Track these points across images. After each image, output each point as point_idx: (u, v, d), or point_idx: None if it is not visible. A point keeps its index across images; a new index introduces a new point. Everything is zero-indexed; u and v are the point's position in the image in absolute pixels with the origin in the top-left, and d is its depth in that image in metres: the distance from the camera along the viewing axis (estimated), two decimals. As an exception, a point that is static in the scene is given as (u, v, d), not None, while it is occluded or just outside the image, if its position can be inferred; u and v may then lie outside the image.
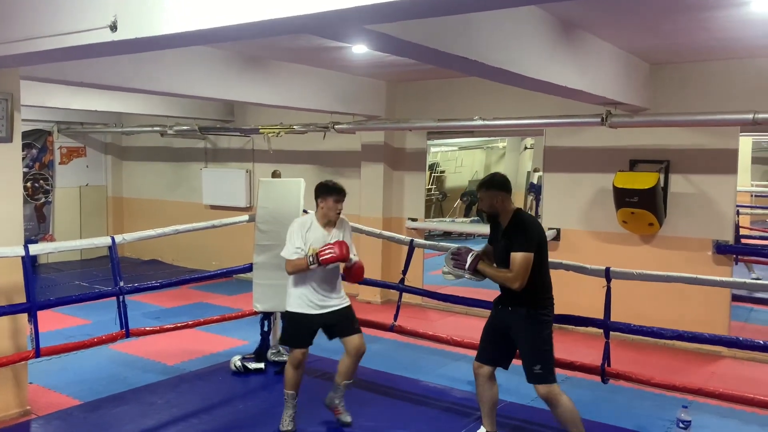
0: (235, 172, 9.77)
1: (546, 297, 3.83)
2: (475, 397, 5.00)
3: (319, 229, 4.28)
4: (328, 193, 4.29)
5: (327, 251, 4.09)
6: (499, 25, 3.74)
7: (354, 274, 4.47)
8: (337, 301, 4.37)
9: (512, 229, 3.77)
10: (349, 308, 4.42)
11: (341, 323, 4.35)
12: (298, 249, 4.16)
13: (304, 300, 4.27)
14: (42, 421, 4.51)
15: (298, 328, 4.31)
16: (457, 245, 4.10)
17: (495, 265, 3.90)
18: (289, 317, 4.36)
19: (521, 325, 3.80)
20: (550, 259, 3.99)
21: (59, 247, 5.05)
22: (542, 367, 3.73)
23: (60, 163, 10.84)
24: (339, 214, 4.34)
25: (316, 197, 4.34)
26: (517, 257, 3.63)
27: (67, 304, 4.91)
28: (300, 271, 4.17)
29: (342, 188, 4.33)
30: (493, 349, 4.00)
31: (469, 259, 3.87)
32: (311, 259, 4.08)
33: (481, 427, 4.15)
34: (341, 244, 4.15)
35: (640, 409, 4.82)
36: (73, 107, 7.67)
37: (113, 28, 3.02)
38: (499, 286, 3.91)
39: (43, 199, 10.61)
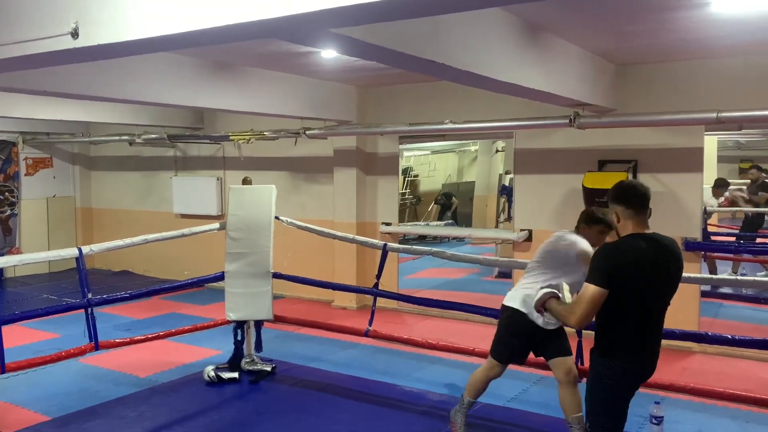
0: (205, 180, 9.67)
1: (615, 356, 3.00)
2: (452, 399, 5.03)
3: None
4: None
5: None
6: (466, 29, 3.76)
7: None
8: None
9: None
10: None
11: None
12: None
13: None
14: (9, 439, 4.40)
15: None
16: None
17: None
18: None
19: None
20: (521, 259, 3.99)
21: (24, 259, 4.93)
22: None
23: (26, 175, 10.61)
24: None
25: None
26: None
27: (33, 318, 4.79)
28: None
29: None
30: None
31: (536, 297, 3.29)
32: None
33: None
34: None
35: (615, 406, 4.86)
36: (38, 117, 7.51)
37: (74, 35, 2.96)
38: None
39: (8, 212, 10.37)
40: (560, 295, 3.26)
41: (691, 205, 6.27)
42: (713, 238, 8.25)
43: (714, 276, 4.68)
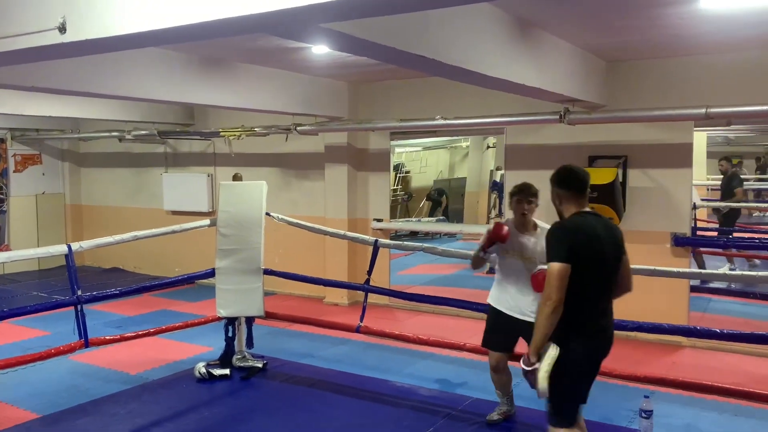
0: (196, 177, 9.63)
1: (575, 328, 3.11)
2: (443, 394, 5.05)
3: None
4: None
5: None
6: (456, 24, 3.76)
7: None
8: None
9: None
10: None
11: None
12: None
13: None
14: (-1, 437, 4.38)
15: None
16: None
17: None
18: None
19: None
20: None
21: (12, 256, 4.91)
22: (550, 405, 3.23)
23: (14, 171, 10.53)
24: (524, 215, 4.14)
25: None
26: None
27: (22, 315, 4.78)
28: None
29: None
30: None
31: (522, 364, 3.15)
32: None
33: None
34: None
35: (604, 400, 4.89)
36: (27, 113, 7.45)
37: (62, 29, 2.94)
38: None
39: (-3, 209, 10.31)
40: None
41: (680, 201, 6.31)
42: (700, 233, 8.31)
43: (704, 271, 4.71)
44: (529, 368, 3.06)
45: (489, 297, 4.40)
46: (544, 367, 3.01)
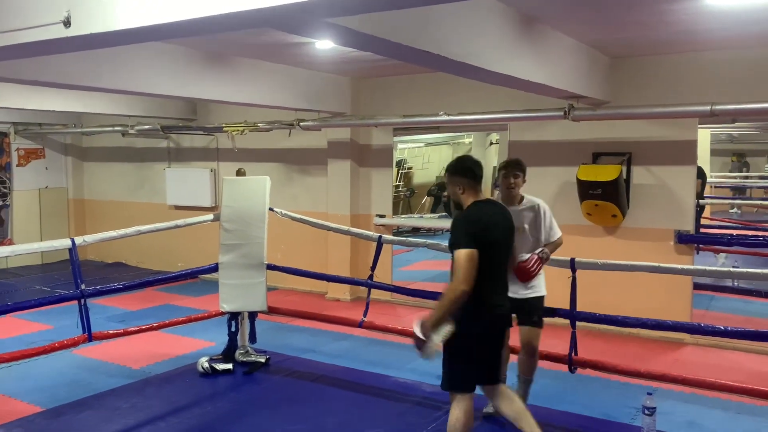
0: (199, 172, 9.63)
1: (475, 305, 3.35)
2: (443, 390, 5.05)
3: None
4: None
5: None
6: (460, 19, 3.75)
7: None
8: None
9: None
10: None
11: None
12: None
13: None
14: (2, 430, 4.38)
15: None
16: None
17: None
18: None
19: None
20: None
21: (16, 250, 4.90)
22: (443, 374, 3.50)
23: (18, 165, 10.54)
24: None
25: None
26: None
27: (25, 309, 4.77)
28: None
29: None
30: None
31: (415, 329, 3.28)
32: None
33: None
34: None
35: (607, 397, 4.90)
36: (30, 107, 7.46)
37: (66, 23, 2.94)
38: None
39: (0, 203, 10.31)
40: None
41: (684, 198, 6.29)
42: (704, 230, 8.28)
43: (708, 268, 4.69)
44: (423, 338, 3.23)
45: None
46: (437, 340, 3.27)
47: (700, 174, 9.19)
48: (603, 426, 4.40)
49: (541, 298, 4.27)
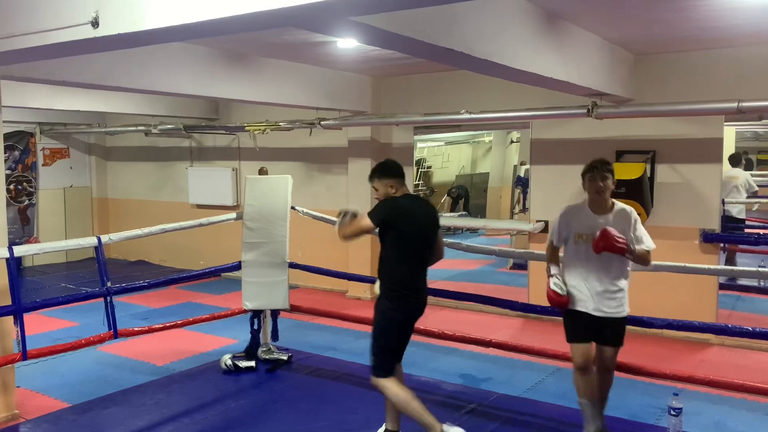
0: (221, 171, 9.71)
1: (395, 290, 3.76)
2: (467, 390, 5.04)
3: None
4: None
5: None
6: (484, 17, 3.73)
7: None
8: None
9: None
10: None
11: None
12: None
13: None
14: (31, 425, 4.45)
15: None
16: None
17: None
18: None
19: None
20: (537, 251, 4.01)
21: (44, 248, 4.98)
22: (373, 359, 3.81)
23: (43, 165, 10.72)
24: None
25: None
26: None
27: (53, 306, 4.85)
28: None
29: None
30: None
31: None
32: None
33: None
34: None
35: (632, 398, 4.84)
36: (56, 108, 7.57)
37: (95, 24, 2.98)
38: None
39: (26, 202, 10.49)
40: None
41: (709, 196, 6.20)
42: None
43: (734, 268, 4.62)
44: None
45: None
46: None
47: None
48: (629, 426, 4.36)
49: (626, 318, 3.93)
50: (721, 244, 6.54)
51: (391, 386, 3.75)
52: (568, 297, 3.85)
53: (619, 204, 3.91)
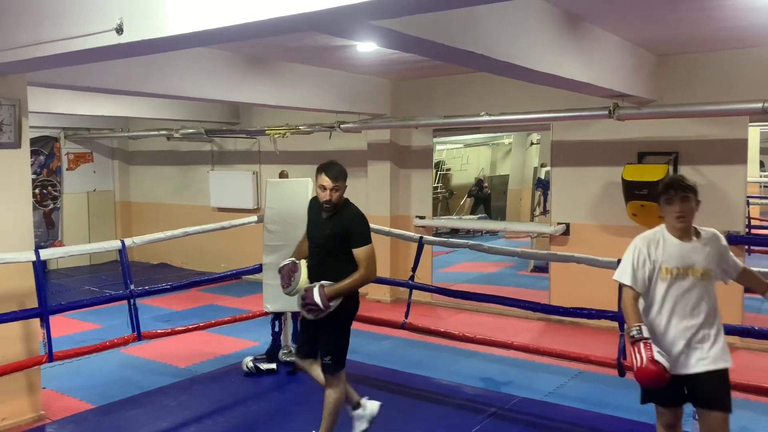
0: (241, 174, 9.78)
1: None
2: (488, 393, 5.01)
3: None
4: None
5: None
6: (504, 19, 3.72)
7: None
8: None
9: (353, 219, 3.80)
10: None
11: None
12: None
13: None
14: (56, 426, 4.52)
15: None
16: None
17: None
18: None
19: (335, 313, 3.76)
20: (560, 252, 3.97)
21: (70, 251, 5.06)
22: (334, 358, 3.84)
23: (67, 169, 10.88)
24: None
25: None
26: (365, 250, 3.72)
27: (79, 308, 4.93)
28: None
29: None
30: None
31: (318, 298, 3.61)
32: None
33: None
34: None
35: (655, 402, 4.78)
36: (80, 113, 7.70)
37: (119, 30, 3.03)
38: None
39: (51, 206, 10.65)
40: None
41: (734, 198, 6.12)
42: (754, 231, 8.04)
43: (763, 269, 4.55)
44: (321, 306, 3.61)
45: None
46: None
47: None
48: (650, 429, 4.30)
49: (726, 370, 3.15)
50: (746, 246, 6.44)
51: (341, 381, 3.87)
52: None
53: (704, 228, 3.22)
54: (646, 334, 2.96)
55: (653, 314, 3.13)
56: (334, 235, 3.72)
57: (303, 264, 3.83)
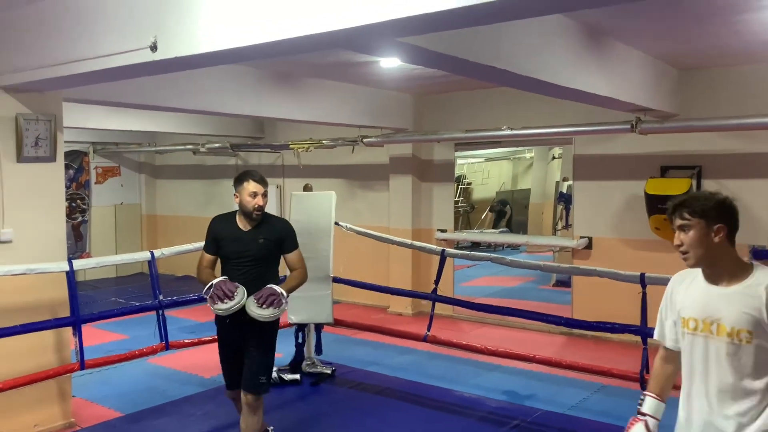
0: (265, 188, 9.89)
1: None
2: (510, 406, 5.01)
3: None
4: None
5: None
6: (527, 34, 3.78)
7: None
8: None
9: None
10: None
11: None
12: None
13: None
14: (86, 433, 4.62)
15: None
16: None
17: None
18: None
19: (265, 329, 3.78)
20: (583, 266, 3.97)
21: (102, 262, 5.20)
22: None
23: (96, 183, 11.12)
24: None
25: None
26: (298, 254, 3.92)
27: (109, 317, 5.05)
28: None
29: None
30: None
31: (277, 288, 3.74)
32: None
33: None
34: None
35: (670, 410, 4.74)
36: (109, 128, 7.89)
37: (153, 48, 3.14)
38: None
39: (80, 218, 10.88)
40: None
41: (759, 212, 6.07)
42: None
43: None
44: (286, 304, 3.71)
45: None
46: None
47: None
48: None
49: None
50: (773, 261, 6.36)
51: (261, 404, 3.87)
52: None
53: (762, 268, 2.29)
54: (646, 407, 2.40)
55: (683, 388, 2.36)
56: (268, 243, 3.79)
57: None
